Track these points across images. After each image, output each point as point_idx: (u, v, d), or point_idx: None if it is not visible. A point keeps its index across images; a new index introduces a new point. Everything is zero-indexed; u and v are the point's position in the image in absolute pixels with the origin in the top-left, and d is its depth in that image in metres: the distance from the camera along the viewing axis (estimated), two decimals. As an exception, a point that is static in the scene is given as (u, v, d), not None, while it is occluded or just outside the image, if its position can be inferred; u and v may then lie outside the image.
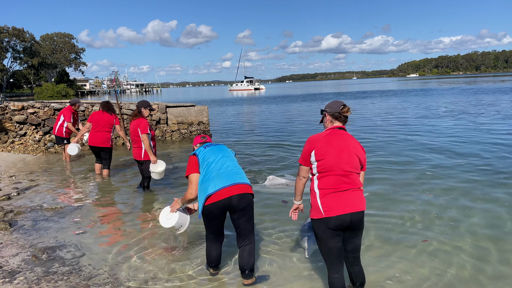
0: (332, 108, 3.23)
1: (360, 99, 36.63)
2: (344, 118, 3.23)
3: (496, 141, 10.63)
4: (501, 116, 16.47)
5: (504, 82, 57.57)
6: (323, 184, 3.08)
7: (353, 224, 3.07)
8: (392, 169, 8.01)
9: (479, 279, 3.71)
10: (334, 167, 3.07)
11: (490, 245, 4.40)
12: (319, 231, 3.09)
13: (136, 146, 6.61)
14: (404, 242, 4.54)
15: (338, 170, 3.07)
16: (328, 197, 3.04)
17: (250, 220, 3.69)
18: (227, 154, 3.86)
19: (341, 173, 3.07)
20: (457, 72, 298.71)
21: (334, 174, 3.07)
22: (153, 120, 13.30)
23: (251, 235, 3.72)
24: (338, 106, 3.21)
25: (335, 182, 3.07)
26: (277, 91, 79.93)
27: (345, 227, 3.06)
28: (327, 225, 3.03)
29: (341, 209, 3.01)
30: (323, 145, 3.11)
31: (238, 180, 3.63)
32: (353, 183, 3.11)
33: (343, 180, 3.07)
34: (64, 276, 3.92)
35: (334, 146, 3.10)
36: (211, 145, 3.92)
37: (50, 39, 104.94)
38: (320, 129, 3.57)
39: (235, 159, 3.91)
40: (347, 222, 3.03)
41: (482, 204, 5.77)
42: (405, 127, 14.38)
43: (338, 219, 3.00)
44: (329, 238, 3.07)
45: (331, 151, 3.08)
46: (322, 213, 3.03)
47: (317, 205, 3.06)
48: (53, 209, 6.10)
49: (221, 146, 3.95)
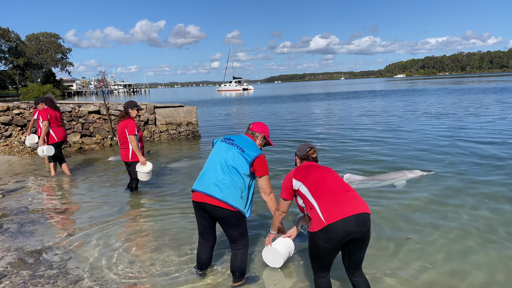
0: (300, 151, 3.53)
1: (363, 98, 36.85)
2: (312, 159, 3.48)
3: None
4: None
5: (496, 82, 58.42)
6: (319, 193, 3.05)
7: (360, 231, 2.89)
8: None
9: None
10: (322, 180, 3.14)
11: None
12: (320, 243, 2.94)
13: (124, 147, 6.54)
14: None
15: (327, 182, 3.13)
16: (327, 203, 2.96)
17: (232, 228, 3.54)
18: (227, 156, 3.56)
19: (333, 182, 3.13)
20: (443, 73, 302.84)
21: (327, 185, 3.10)
22: (141, 121, 13.20)
23: (240, 240, 3.60)
24: (305, 149, 3.50)
25: (330, 188, 3.07)
26: (266, 92, 79.99)
27: (351, 237, 2.91)
28: (330, 235, 2.88)
29: (343, 212, 2.88)
30: (301, 170, 3.31)
31: (210, 192, 3.48)
32: (350, 188, 3.12)
33: (338, 185, 3.11)
34: (51, 279, 3.86)
35: (313, 170, 3.30)
36: (227, 139, 3.72)
37: (36, 39, 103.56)
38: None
39: (231, 166, 3.53)
40: (353, 227, 2.86)
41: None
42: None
43: (343, 225, 2.85)
44: (328, 252, 2.96)
45: (313, 172, 3.26)
46: (324, 221, 2.89)
47: (317, 215, 2.94)
48: (39, 211, 6.01)
49: (229, 147, 3.62)
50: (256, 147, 3.65)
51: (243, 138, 3.70)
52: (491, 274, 3.80)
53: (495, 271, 3.86)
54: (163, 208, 6.07)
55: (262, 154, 3.62)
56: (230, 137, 3.73)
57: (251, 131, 3.79)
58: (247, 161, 3.52)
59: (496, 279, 3.72)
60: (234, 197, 3.46)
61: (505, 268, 3.90)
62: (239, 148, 3.57)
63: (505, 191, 6.24)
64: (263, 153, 3.64)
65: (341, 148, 10.59)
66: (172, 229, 5.14)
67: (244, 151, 3.55)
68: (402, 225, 5.08)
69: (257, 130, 3.79)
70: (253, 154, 3.55)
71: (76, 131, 12.29)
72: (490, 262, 4.02)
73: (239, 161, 3.52)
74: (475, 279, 3.72)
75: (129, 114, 6.50)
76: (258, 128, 3.80)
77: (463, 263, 4.03)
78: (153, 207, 6.16)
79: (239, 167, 3.51)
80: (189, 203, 6.12)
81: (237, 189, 3.49)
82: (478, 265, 3.98)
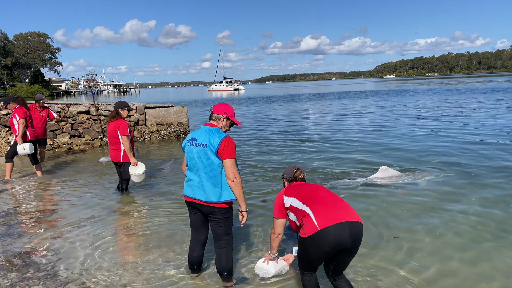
0: (287, 174, 3.62)
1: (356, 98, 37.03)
2: (299, 180, 3.56)
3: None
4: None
5: (486, 83, 59.13)
6: (312, 201, 3.08)
7: (352, 240, 2.87)
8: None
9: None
10: (314, 191, 3.20)
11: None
12: (311, 248, 2.93)
13: (115, 148, 6.50)
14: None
15: (320, 192, 3.19)
16: (320, 210, 2.97)
17: (221, 224, 3.56)
18: (195, 158, 3.54)
19: (325, 193, 3.20)
20: (432, 73, 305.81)
21: (319, 195, 3.15)
22: (131, 121, 13.13)
23: (224, 238, 3.61)
24: (292, 171, 3.59)
25: (323, 197, 3.12)
26: (256, 92, 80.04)
27: (343, 248, 2.88)
28: (323, 240, 2.86)
29: (336, 219, 2.89)
30: (292, 188, 3.37)
31: (197, 197, 3.55)
32: (341, 199, 3.16)
33: (330, 195, 3.16)
34: (40, 281, 3.83)
35: (303, 186, 3.37)
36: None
37: (24, 38, 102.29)
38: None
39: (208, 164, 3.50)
40: (346, 237, 2.84)
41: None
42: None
43: (336, 231, 2.83)
44: (318, 258, 2.97)
45: (304, 187, 3.33)
46: (317, 226, 2.88)
47: (311, 221, 2.94)
48: (27, 213, 5.95)
49: (193, 148, 3.57)
50: (219, 133, 3.51)
51: (203, 130, 3.58)
52: (477, 272, 3.85)
53: (484, 268, 3.92)
54: (152, 209, 6.04)
55: (227, 136, 3.48)
56: (192, 136, 3.64)
57: (213, 114, 3.65)
58: (213, 152, 3.43)
59: (484, 276, 3.77)
60: (217, 194, 3.48)
61: (492, 265, 3.96)
62: (201, 145, 3.49)
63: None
64: (227, 136, 3.50)
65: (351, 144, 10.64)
66: (162, 232, 5.12)
67: (206, 145, 3.46)
68: (390, 223, 5.12)
69: (218, 112, 3.63)
70: (217, 141, 3.43)
71: (65, 132, 12.18)
72: (477, 258, 4.08)
73: (206, 158, 3.46)
74: (460, 278, 3.77)
75: (120, 115, 6.46)
76: (219, 109, 3.65)
77: (449, 261, 4.08)
78: (143, 208, 6.13)
79: (209, 163, 3.46)
80: (178, 204, 6.12)
81: (217, 184, 3.48)
82: (465, 262, 4.03)
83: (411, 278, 3.75)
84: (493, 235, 4.70)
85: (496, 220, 5.15)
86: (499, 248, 4.35)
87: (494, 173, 7.36)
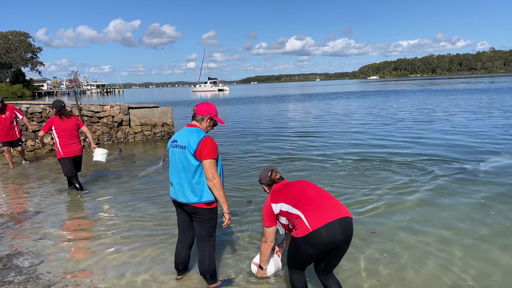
0: (263, 179, 3.55)
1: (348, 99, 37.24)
2: (278, 180, 3.49)
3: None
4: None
5: (471, 84, 60.22)
6: (301, 204, 3.07)
7: (344, 236, 2.90)
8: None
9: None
10: (302, 192, 3.17)
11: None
12: (304, 248, 2.94)
13: (76, 141, 7.01)
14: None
15: (307, 192, 3.16)
16: (311, 211, 2.97)
17: (204, 225, 3.55)
18: (177, 160, 3.53)
19: (313, 192, 3.17)
20: (414, 75, 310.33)
21: (308, 195, 3.13)
22: (115, 122, 12.98)
23: (207, 240, 3.59)
24: (267, 175, 3.52)
25: (312, 197, 3.10)
26: (241, 92, 79.94)
27: (335, 246, 2.91)
28: (315, 241, 2.87)
29: (326, 218, 2.90)
30: (277, 193, 3.32)
31: (179, 199, 3.56)
32: (330, 196, 3.15)
33: (318, 194, 3.14)
34: (21, 285, 3.75)
35: (288, 187, 3.32)
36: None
37: (5, 37, 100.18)
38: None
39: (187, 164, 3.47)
40: (338, 233, 2.86)
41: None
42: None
43: (327, 231, 2.85)
44: (309, 257, 2.98)
45: (289, 188, 3.28)
46: (309, 228, 2.90)
47: (303, 223, 2.95)
48: (8, 215, 5.83)
49: (175, 150, 3.55)
50: (198, 133, 3.45)
51: (185, 132, 3.54)
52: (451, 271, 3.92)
53: (467, 268, 3.99)
54: (136, 210, 5.98)
55: (205, 137, 3.42)
56: (174, 138, 3.60)
57: (196, 115, 3.58)
58: (191, 153, 3.39)
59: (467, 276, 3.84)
60: (197, 195, 3.46)
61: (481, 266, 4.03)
62: (181, 147, 3.46)
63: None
64: (206, 136, 3.44)
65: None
66: (148, 233, 5.07)
67: (185, 147, 3.42)
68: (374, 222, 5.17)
69: (201, 112, 3.56)
70: (195, 141, 3.38)
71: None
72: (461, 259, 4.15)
73: (186, 159, 3.43)
74: (429, 275, 3.84)
75: (71, 112, 7.03)
76: (202, 109, 3.57)
77: (427, 260, 4.15)
78: (126, 209, 6.07)
79: (188, 164, 3.43)
80: (161, 206, 6.07)
81: (197, 185, 3.46)
82: (443, 261, 4.10)
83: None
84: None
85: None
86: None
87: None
